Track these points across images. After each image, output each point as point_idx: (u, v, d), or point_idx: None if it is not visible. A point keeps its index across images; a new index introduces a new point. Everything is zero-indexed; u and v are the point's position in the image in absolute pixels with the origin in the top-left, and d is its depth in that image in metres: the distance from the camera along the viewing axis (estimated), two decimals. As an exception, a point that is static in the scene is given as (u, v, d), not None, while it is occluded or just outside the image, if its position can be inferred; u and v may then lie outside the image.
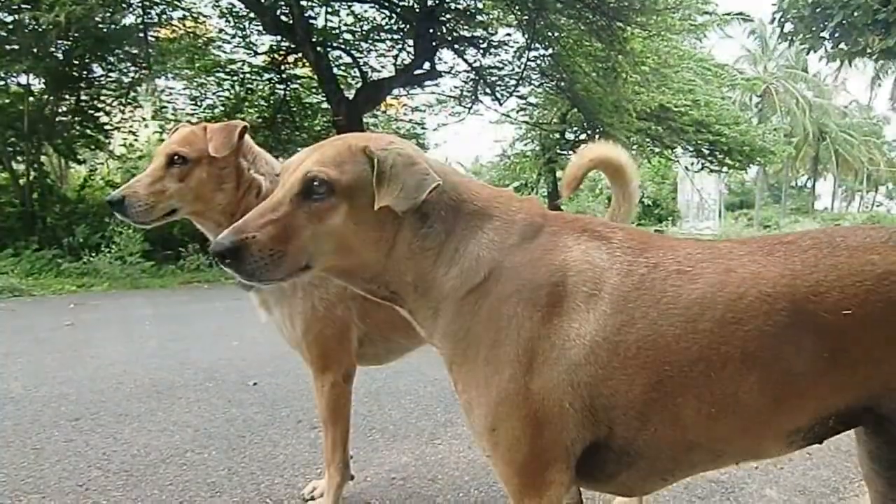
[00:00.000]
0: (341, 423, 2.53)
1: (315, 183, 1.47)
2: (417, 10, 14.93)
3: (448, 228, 1.55)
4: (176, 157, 2.33)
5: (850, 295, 1.34)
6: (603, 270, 1.47)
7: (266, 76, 16.79)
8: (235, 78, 16.57)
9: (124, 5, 12.38)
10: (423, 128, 21.21)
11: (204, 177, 2.35)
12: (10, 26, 11.93)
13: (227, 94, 16.86)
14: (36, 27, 10.69)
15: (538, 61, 16.89)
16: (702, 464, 1.52)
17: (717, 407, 1.39)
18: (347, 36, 16.27)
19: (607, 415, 1.42)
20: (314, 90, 17.08)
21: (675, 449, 1.45)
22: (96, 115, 14.47)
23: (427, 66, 15.85)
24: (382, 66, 17.30)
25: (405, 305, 1.62)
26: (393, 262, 1.54)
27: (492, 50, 16.76)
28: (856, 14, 12.09)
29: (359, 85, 16.19)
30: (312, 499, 2.71)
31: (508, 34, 16.76)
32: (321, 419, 2.54)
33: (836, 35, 12.88)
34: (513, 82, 17.44)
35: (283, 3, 13.97)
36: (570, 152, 23.13)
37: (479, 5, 15.39)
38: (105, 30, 12.49)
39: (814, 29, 13.21)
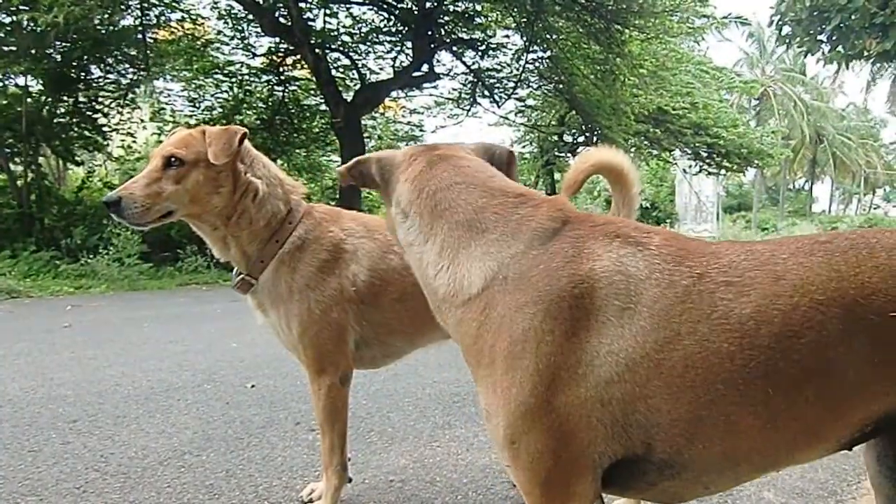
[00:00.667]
0: (339, 425, 2.53)
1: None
2: (416, 13, 14.95)
3: (426, 232, 1.55)
4: (173, 159, 2.32)
5: (894, 297, 1.30)
6: (639, 281, 1.39)
7: (264, 78, 16.81)
8: (234, 80, 16.59)
9: (122, 7, 12.38)
10: (421, 130, 21.25)
11: (200, 179, 2.34)
12: (9, 27, 11.93)
13: (225, 95, 16.89)
14: (34, 28, 10.68)
15: (536, 64, 16.92)
16: (748, 474, 1.48)
17: (772, 422, 1.34)
18: (346, 38, 16.29)
19: (645, 432, 1.36)
20: (312, 92, 17.10)
21: (725, 462, 1.40)
22: (94, 116, 14.48)
23: (425, 68, 15.87)
24: (381, 68, 17.35)
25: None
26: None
27: (490, 52, 16.80)
28: (853, 17, 12.12)
29: (357, 87, 16.21)
30: (311, 501, 2.71)
31: (507, 36, 16.82)
32: (318, 422, 2.54)
33: (834, 38, 12.90)
34: (511, 84, 17.47)
35: (281, 5, 13.98)
36: (569, 155, 23.16)
37: (478, 7, 15.42)
38: (103, 31, 12.51)
39: (811, 32, 13.24)
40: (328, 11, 15.47)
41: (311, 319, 2.42)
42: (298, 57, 15.50)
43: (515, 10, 14.36)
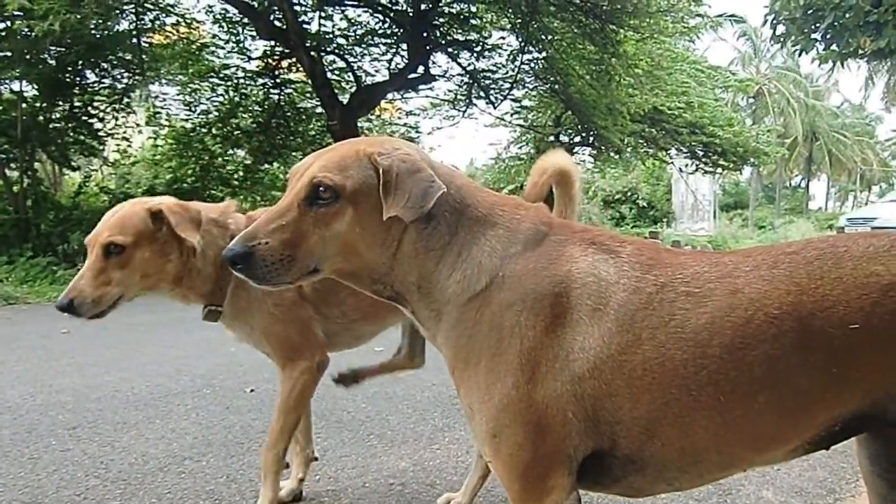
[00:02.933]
0: (298, 411, 2.54)
1: (321, 188, 1.52)
2: (411, 14, 14.94)
3: (452, 231, 1.57)
4: (112, 247, 2.27)
5: (856, 308, 1.34)
6: (609, 285, 1.47)
7: (260, 81, 16.77)
8: (229, 83, 16.55)
9: (117, 11, 12.36)
10: (417, 131, 21.21)
11: (147, 257, 2.31)
12: (3, 33, 11.90)
13: (220, 99, 16.84)
14: (28, 34, 10.66)
15: (532, 64, 16.91)
16: (710, 473, 1.53)
17: (726, 426, 1.41)
18: (341, 40, 16.27)
19: (611, 428, 1.44)
20: (308, 95, 17.07)
21: (683, 461, 1.47)
22: (90, 121, 14.41)
23: (421, 69, 15.86)
24: (376, 71, 17.32)
25: (407, 306, 1.64)
26: (398, 262, 1.57)
27: (486, 53, 16.79)
28: (847, 16, 12.14)
29: (353, 89, 16.19)
30: (294, 498, 2.77)
31: (502, 37, 16.80)
32: (279, 405, 2.51)
33: (828, 37, 12.91)
34: (507, 85, 17.47)
35: (276, 8, 13.97)
36: (565, 155, 23.12)
37: (473, 9, 15.41)
38: (98, 36, 12.47)
39: (805, 31, 13.25)
40: (323, 14, 15.45)
41: (274, 320, 2.47)
42: (294, 60, 15.47)
43: (510, 11, 14.37)
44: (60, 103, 13.84)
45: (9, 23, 11.45)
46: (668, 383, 1.39)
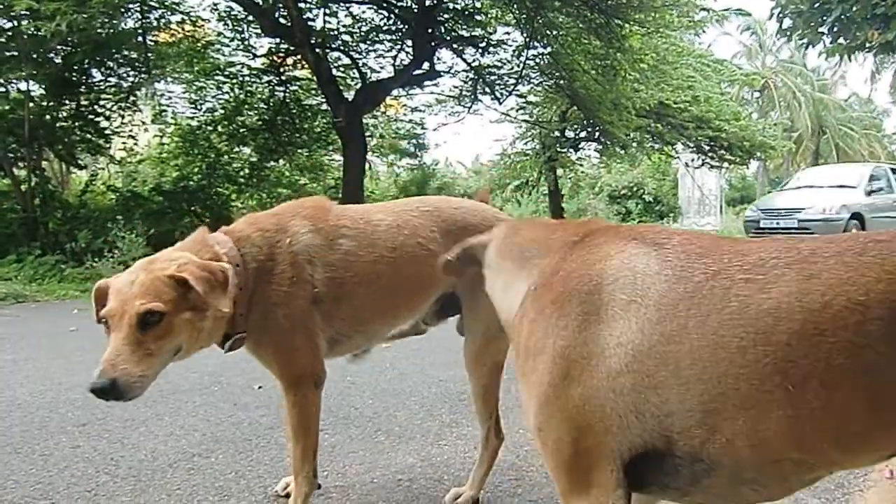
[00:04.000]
0: (312, 432, 2.50)
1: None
2: (415, 11, 14.93)
3: (499, 271, 1.93)
4: (149, 316, 2.06)
5: None
6: (647, 276, 1.47)
7: (265, 78, 16.80)
8: (234, 81, 16.58)
9: (123, 10, 12.39)
10: (422, 128, 21.27)
11: (188, 318, 2.15)
12: (10, 33, 11.95)
13: (226, 97, 16.88)
14: (35, 34, 10.70)
15: (537, 60, 16.87)
16: (795, 475, 1.44)
17: (801, 420, 1.31)
18: (346, 37, 16.27)
19: (660, 423, 1.41)
20: (314, 92, 17.08)
21: (759, 460, 1.38)
22: (96, 119, 14.47)
23: (426, 66, 15.84)
24: (381, 67, 17.32)
25: None
26: None
27: (490, 49, 16.76)
28: (854, 8, 12.08)
29: (358, 86, 16.19)
30: (287, 495, 2.71)
31: (507, 33, 16.77)
32: (291, 429, 2.49)
33: (835, 30, 12.87)
34: (512, 81, 17.43)
35: (281, 5, 13.98)
36: (571, 150, 23.12)
37: (478, 5, 15.40)
38: (104, 35, 12.50)
39: (812, 24, 13.20)
40: (328, 11, 15.45)
41: (282, 332, 2.39)
42: (299, 57, 15.48)
43: (515, 6, 14.33)
44: (67, 102, 13.88)
45: (16, 23, 11.51)
46: (722, 372, 1.34)
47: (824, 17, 12.86)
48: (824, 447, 1.36)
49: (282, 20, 14.31)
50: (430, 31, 15.10)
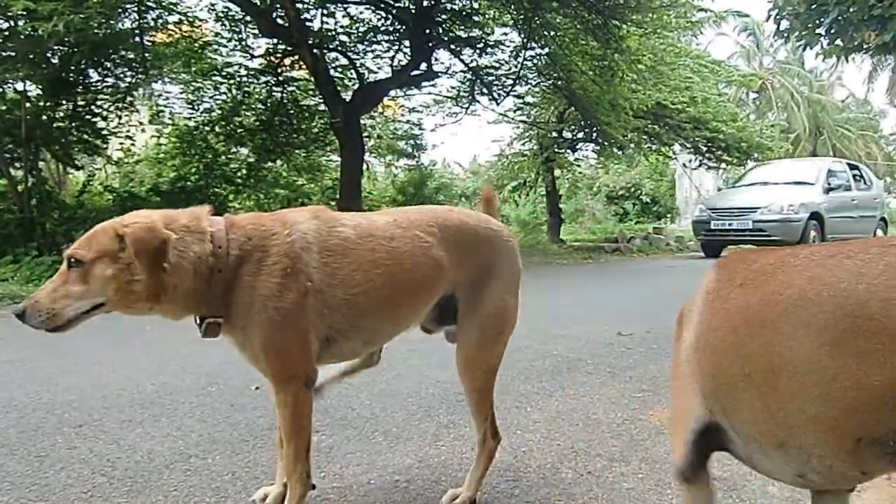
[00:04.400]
0: (304, 432, 2.44)
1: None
2: (413, 11, 14.95)
3: None
4: (72, 261, 2.24)
5: None
6: None
7: (263, 79, 16.82)
8: (232, 81, 16.60)
9: (120, 10, 12.38)
10: (420, 128, 21.31)
11: (108, 274, 2.23)
12: (6, 33, 11.93)
13: (223, 97, 16.91)
14: (32, 34, 10.68)
15: (535, 60, 16.92)
16: None
17: None
18: (343, 38, 16.30)
19: None
20: (311, 92, 17.11)
21: None
22: (93, 120, 14.44)
23: (424, 66, 15.88)
24: (379, 68, 17.37)
25: None
26: None
27: (488, 50, 16.80)
28: (851, 10, 12.10)
29: (356, 86, 16.22)
30: None
31: (504, 34, 16.81)
32: (283, 430, 2.45)
33: (833, 31, 12.89)
34: (510, 82, 17.47)
35: (278, 5, 13.99)
36: (568, 151, 23.14)
37: (475, 5, 15.43)
38: (101, 35, 12.48)
39: (810, 25, 13.22)
40: (325, 11, 15.47)
41: (274, 329, 2.33)
42: (296, 57, 15.50)
43: (513, 7, 14.37)
44: (64, 102, 13.86)
45: (12, 23, 11.49)
46: None
47: (821, 19, 12.88)
48: None
49: (279, 20, 14.33)
50: (427, 31, 15.13)
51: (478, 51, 16.71)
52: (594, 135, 20.69)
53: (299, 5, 14.40)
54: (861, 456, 1.34)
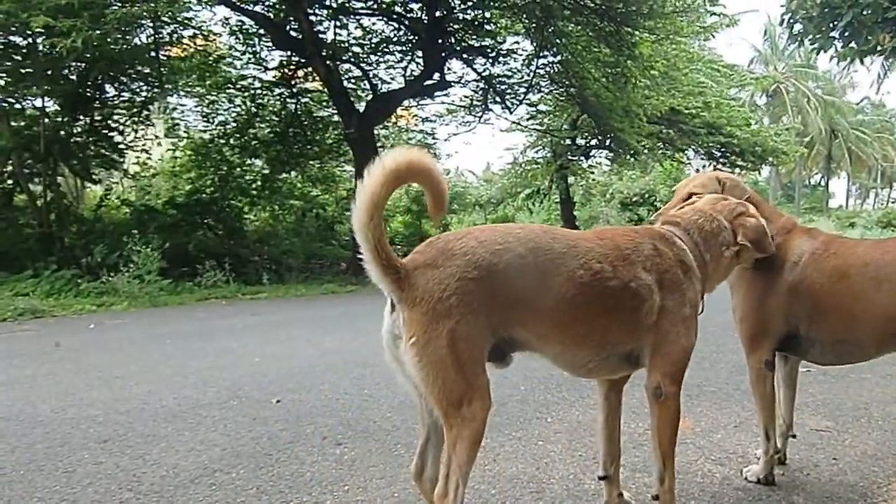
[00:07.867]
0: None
1: None
2: (426, 22, 15.01)
3: None
4: None
5: None
6: None
7: (277, 91, 16.94)
8: (246, 94, 16.73)
9: (136, 26, 12.51)
10: (433, 138, 21.29)
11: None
12: (25, 51, 12.09)
13: (238, 110, 17.04)
14: (50, 51, 10.82)
15: (547, 68, 16.92)
16: None
17: None
18: (357, 49, 16.39)
19: None
20: (325, 104, 17.20)
21: None
22: (110, 134, 14.60)
23: (436, 76, 15.93)
24: (392, 78, 17.43)
25: None
26: None
27: (501, 58, 16.83)
28: (865, 13, 12.01)
29: (369, 97, 16.30)
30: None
31: (517, 42, 16.85)
32: (657, 439, 2.55)
33: (846, 34, 12.78)
34: (522, 90, 17.50)
35: (292, 18, 14.09)
36: (582, 158, 23.10)
37: (487, 15, 15.45)
38: (117, 50, 12.63)
39: (823, 29, 13.12)
40: (339, 23, 15.58)
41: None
42: (310, 69, 15.60)
43: (525, 16, 14.39)
44: (81, 118, 14.02)
45: (31, 40, 11.65)
46: None
47: (835, 22, 12.79)
48: None
49: (293, 33, 14.44)
50: (440, 41, 15.18)
51: (490, 60, 16.76)
52: (608, 141, 20.67)
53: (313, 18, 14.50)
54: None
